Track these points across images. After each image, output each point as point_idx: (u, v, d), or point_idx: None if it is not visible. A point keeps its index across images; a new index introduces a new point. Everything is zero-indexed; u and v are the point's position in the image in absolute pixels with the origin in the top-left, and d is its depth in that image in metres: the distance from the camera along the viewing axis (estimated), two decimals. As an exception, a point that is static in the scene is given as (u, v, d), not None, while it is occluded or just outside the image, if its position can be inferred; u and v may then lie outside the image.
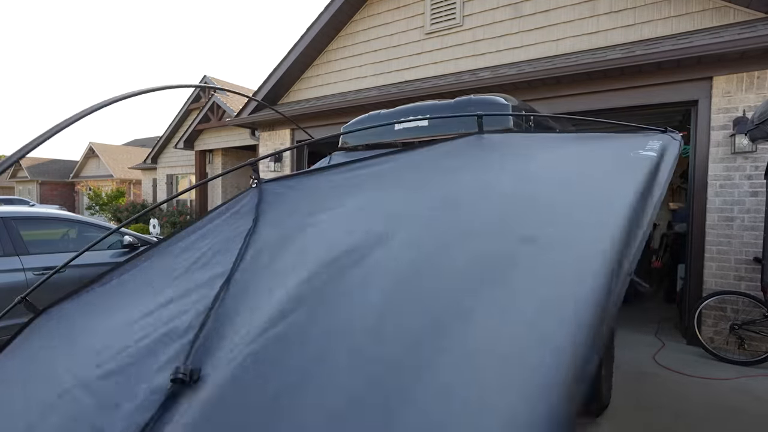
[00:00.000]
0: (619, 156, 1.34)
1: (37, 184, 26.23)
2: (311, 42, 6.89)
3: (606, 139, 1.53)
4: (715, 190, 4.10)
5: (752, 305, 3.85)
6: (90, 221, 4.45)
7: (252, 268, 1.19)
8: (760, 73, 3.93)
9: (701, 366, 3.70)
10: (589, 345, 0.69)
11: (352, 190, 1.44)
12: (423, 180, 1.43)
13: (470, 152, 1.54)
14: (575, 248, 0.95)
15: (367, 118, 2.70)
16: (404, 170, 1.49)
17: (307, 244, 1.23)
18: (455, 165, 1.47)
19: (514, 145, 1.59)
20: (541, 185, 1.23)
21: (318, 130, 7.12)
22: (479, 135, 1.61)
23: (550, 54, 5.12)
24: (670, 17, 4.47)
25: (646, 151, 1.33)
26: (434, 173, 1.46)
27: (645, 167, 1.20)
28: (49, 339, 1.30)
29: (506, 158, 1.47)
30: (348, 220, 1.29)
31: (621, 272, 0.87)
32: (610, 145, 1.46)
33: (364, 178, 1.48)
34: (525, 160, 1.42)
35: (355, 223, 1.26)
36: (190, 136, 13.34)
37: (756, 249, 3.89)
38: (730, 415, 2.86)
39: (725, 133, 4.05)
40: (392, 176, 1.46)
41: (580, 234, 1.00)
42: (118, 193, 19.77)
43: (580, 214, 1.07)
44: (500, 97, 2.23)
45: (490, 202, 1.22)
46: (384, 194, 1.38)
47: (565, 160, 1.35)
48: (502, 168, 1.39)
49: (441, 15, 5.93)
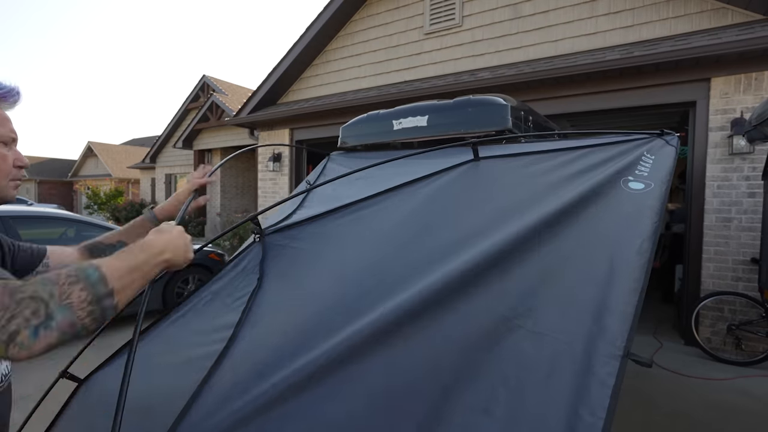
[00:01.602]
0: (612, 197, 1.32)
1: (35, 183, 26.15)
2: (310, 42, 6.89)
3: (598, 160, 1.50)
4: (712, 191, 4.11)
5: (749, 306, 3.86)
6: (88, 220, 4.45)
7: (256, 328, 1.24)
8: (757, 75, 3.94)
9: (699, 366, 3.71)
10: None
11: (353, 237, 1.46)
12: (418, 228, 1.44)
13: (464, 195, 1.54)
14: (572, 336, 0.99)
15: (366, 119, 2.70)
16: (399, 214, 1.50)
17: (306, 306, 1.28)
18: (449, 210, 1.48)
19: (506, 181, 1.56)
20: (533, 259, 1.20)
21: (317, 129, 7.11)
22: (475, 163, 1.60)
23: (549, 55, 5.12)
24: (668, 18, 4.48)
25: (637, 181, 1.33)
26: (429, 217, 1.47)
27: (633, 224, 1.19)
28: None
29: (498, 203, 1.45)
30: (348, 275, 1.34)
31: (618, 356, 0.92)
32: (603, 170, 1.44)
33: (366, 222, 1.51)
34: (516, 208, 1.39)
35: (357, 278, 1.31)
36: (189, 136, 13.32)
37: (753, 250, 3.90)
38: (727, 415, 2.87)
39: (723, 134, 4.06)
40: (388, 225, 1.48)
41: (578, 317, 1.02)
42: (117, 192, 19.74)
43: (580, 293, 1.08)
44: (499, 98, 2.23)
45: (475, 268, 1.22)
46: (382, 248, 1.40)
47: (557, 213, 1.31)
48: (492, 224, 1.35)
49: (440, 15, 5.93)
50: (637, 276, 1.05)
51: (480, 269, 1.16)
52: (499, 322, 1.05)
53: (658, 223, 1.18)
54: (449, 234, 1.35)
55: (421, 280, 1.16)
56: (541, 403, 0.89)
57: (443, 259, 1.22)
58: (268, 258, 1.44)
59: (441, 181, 1.57)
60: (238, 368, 1.12)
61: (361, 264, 1.35)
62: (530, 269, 1.16)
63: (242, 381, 1.06)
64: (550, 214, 1.27)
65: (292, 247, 1.49)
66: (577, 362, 0.92)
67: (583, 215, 1.26)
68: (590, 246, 1.18)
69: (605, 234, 1.20)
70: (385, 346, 1.05)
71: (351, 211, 1.55)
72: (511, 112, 2.19)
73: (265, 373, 1.05)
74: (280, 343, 1.15)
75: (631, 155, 1.48)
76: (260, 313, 1.28)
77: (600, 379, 0.88)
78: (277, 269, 1.42)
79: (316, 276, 1.36)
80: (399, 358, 1.04)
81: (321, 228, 1.54)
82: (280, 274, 1.40)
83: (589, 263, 1.13)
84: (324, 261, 1.41)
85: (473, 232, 1.31)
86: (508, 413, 0.89)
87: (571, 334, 0.97)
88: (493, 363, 0.98)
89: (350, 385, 1.01)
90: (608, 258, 1.12)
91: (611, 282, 1.05)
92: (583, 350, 0.94)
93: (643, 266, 1.07)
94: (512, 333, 1.03)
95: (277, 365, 1.06)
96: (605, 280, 1.06)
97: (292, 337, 1.16)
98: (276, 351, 1.12)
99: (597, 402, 0.84)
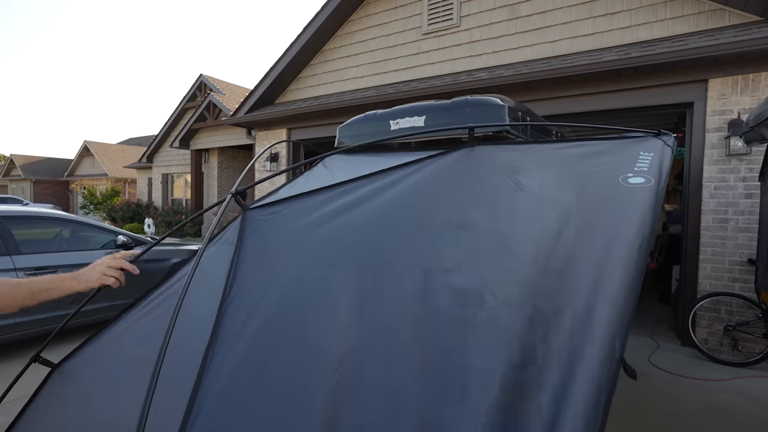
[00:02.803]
0: (609, 190, 1.30)
1: (30, 183, 26.03)
2: (308, 41, 6.87)
3: (596, 155, 1.49)
4: (709, 191, 4.12)
5: (746, 306, 3.87)
6: (83, 221, 4.41)
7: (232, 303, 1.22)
8: (755, 76, 3.95)
9: (696, 367, 3.72)
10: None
11: (337, 219, 1.41)
12: (405, 212, 1.41)
13: (458, 179, 1.51)
14: (566, 329, 0.97)
15: (364, 119, 2.69)
16: (390, 196, 1.46)
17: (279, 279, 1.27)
18: (442, 196, 1.44)
19: (502, 168, 1.54)
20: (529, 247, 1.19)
21: (314, 129, 7.10)
22: (470, 148, 1.59)
23: (547, 55, 5.12)
24: (666, 19, 4.49)
25: (636, 176, 1.32)
26: (418, 201, 1.44)
27: (633, 219, 1.17)
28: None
29: (492, 192, 1.42)
30: (327, 254, 1.30)
31: (613, 356, 0.90)
32: (600, 165, 1.42)
33: (355, 200, 1.46)
34: (510, 199, 1.38)
35: (333, 257, 1.28)
36: (186, 135, 13.28)
37: (750, 251, 3.91)
38: (724, 415, 2.87)
39: (720, 135, 4.07)
40: (377, 202, 1.43)
41: (574, 307, 1.00)
42: (113, 192, 19.66)
43: (575, 283, 1.06)
44: (496, 98, 2.22)
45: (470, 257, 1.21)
46: (367, 225, 1.37)
47: (554, 200, 1.30)
48: (487, 214, 1.34)
49: (438, 15, 5.92)
50: (633, 274, 1.03)
51: (473, 260, 1.15)
52: (490, 314, 1.04)
53: (653, 221, 1.17)
54: (439, 217, 1.34)
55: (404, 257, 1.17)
56: (531, 402, 0.87)
57: (434, 243, 1.22)
58: (247, 231, 1.40)
59: (436, 164, 1.56)
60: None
61: (351, 239, 1.33)
62: (525, 263, 1.14)
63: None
64: (545, 209, 1.26)
65: (272, 220, 1.45)
66: (571, 361, 0.90)
67: (579, 209, 1.25)
68: (586, 241, 1.16)
69: (601, 229, 1.18)
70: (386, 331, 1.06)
71: (341, 188, 1.51)
72: (509, 112, 2.18)
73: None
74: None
75: (628, 151, 1.48)
76: (243, 280, 1.26)
77: (595, 378, 0.86)
78: (256, 240, 1.38)
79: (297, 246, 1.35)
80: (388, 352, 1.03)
81: (307, 202, 1.50)
82: (259, 245, 1.37)
83: (585, 259, 1.11)
84: (306, 232, 1.38)
85: (463, 219, 1.30)
86: (494, 413, 0.88)
87: (565, 332, 0.96)
88: (480, 355, 0.97)
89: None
90: (604, 255, 1.10)
91: (607, 279, 1.03)
92: (577, 349, 0.92)
93: (639, 264, 1.06)
94: (504, 326, 1.02)
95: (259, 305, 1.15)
96: (600, 277, 1.04)
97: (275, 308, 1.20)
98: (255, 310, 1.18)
99: (592, 402, 0.83)
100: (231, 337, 1.12)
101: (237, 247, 1.32)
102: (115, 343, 1.38)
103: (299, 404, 0.98)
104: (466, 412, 0.89)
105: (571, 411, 0.82)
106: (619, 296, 0.99)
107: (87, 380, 1.35)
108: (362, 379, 0.99)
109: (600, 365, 0.88)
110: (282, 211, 1.46)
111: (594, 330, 0.94)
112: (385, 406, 0.95)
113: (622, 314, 0.95)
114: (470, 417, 0.88)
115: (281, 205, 1.49)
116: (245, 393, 1.02)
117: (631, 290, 1.00)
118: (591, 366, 0.88)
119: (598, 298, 0.99)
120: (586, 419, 0.80)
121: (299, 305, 1.19)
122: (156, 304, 1.39)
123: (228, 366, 1.06)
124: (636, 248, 1.09)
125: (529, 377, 0.91)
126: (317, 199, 1.48)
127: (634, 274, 1.03)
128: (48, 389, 1.39)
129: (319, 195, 1.50)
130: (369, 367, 1.01)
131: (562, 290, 1.05)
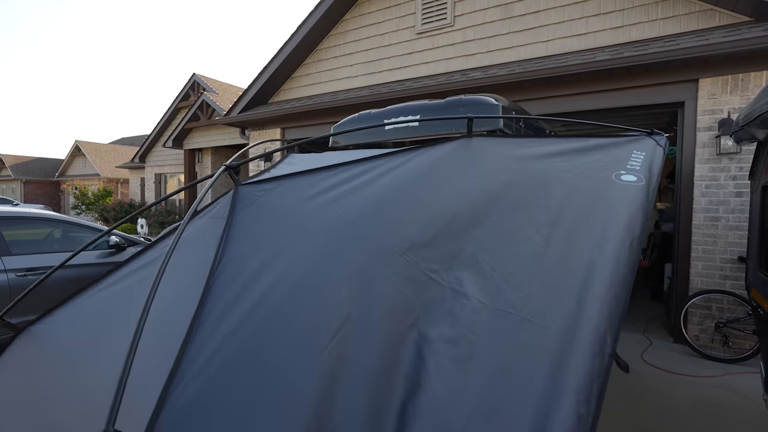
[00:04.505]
0: (602, 186, 1.31)
1: (21, 183, 25.68)
2: (302, 41, 6.85)
3: (591, 152, 1.50)
4: (701, 190, 4.16)
5: (737, 304, 3.91)
6: (75, 221, 4.37)
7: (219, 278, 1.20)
8: (744, 76, 3.99)
9: (687, 364, 3.75)
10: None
11: (328, 204, 1.40)
12: (399, 195, 1.40)
13: (456, 167, 1.51)
14: (558, 324, 0.97)
15: (358, 118, 2.69)
16: (385, 182, 1.46)
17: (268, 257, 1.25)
18: (440, 181, 1.44)
19: (496, 160, 1.55)
20: (522, 244, 1.19)
21: (308, 129, 7.07)
22: (468, 138, 1.60)
23: (541, 55, 5.15)
24: (657, 20, 4.52)
25: (629, 174, 1.33)
26: (416, 190, 1.43)
27: (626, 217, 1.17)
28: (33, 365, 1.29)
29: (487, 180, 1.43)
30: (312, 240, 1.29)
31: (604, 351, 0.90)
32: (594, 162, 1.43)
33: (351, 181, 1.45)
34: (503, 194, 1.38)
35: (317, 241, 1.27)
36: (179, 135, 13.16)
37: (740, 248, 3.96)
38: (716, 411, 2.90)
39: (711, 134, 4.12)
40: (369, 188, 1.43)
41: (563, 307, 1.00)
42: (105, 192, 19.45)
43: (565, 281, 1.06)
44: (490, 98, 2.23)
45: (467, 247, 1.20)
46: (360, 209, 1.36)
47: (548, 195, 1.31)
48: (482, 204, 1.34)
49: (432, 15, 5.93)
50: (625, 272, 1.04)
51: (466, 253, 1.15)
52: (487, 311, 1.04)
53: (645, 219, 1.18)
54: (435, 205, 1.35)
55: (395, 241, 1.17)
56: (527, 394, 0.88)
57: (428, 227, 1.22)
58: (239, 206, 1.39)
59: (433, 152, 1.56)
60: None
61: (343, 218, 1.33)
62: (519, 258, 1.15)
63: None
64: (538, 203, 1.27)
65: (265, 196, 1.44)
66: (564, 356, 0.91)
67: (571, 205, 1.26)
68: (579, 238, 1.17)
69: (593, 226, 1.19)
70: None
71: (336, 170, 1.51)
72: (503, 111, 2.19)
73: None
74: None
75: (622, 149, 1.49)
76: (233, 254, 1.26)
77: (587, 374, 0.87)
78: (247, 215, 1.38)
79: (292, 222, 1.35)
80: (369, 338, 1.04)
81: (302, 181, 1.49)
82: (251, 220, 1.36)
83: (578, 256, 1.12)
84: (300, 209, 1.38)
85: (458, 211, 1.30)
86: (489, 399, 0.88)
87: (559, 329, 0.96)
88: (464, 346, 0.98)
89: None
90: (596, 252, 1.11)
91: (599, 276, 1.04)
92: (569, 343, 0.92)
93: (630, 262, 1.06)
94: (501, 320, 1.02)
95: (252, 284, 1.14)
96: (593, 275, 1.05)
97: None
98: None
99: (584, 398, 0.83)
100: (219, 308, 1.11)
101: (228, 222, 1.31)
102: (95, 306, 1.35)
103: (287, 380, 0.98)
104: (462, 399, 0.89)
105: (564, 403, 0.83)
106: (610, 292, 1.00)
107: (62, 341, 1.32)
108: (351, 357, 0.99)
109: (592, 359, 0.88)
110: (276, 188, 1.46)
111: (585, 325, 0.94)
112: (371, 390, 0.95)
113: (614, 310, 0.96)
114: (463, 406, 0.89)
115: (274, 182, 1.49)
116: (230, 367, 1.01)
117: (622, 287, 1.01)
118: (583, 360, 0.88)
119: (588, 295, 1.00)
120: (578, 411, 0.80)
121: (292, 281, 1.17)
122: (140, 268, 1.38)
123: (217, 336, 1.05)
124: (627, 246, 1.10)
125: (520, 368, 0.91)
126: (313, 179, 1.48)
127: (625, 271, 1.04)
128: (14, 349, 1.37)
129: (315, 174, 1.50)
130: (357, 345, 1.01)
131: (555, 283, 1.06)
